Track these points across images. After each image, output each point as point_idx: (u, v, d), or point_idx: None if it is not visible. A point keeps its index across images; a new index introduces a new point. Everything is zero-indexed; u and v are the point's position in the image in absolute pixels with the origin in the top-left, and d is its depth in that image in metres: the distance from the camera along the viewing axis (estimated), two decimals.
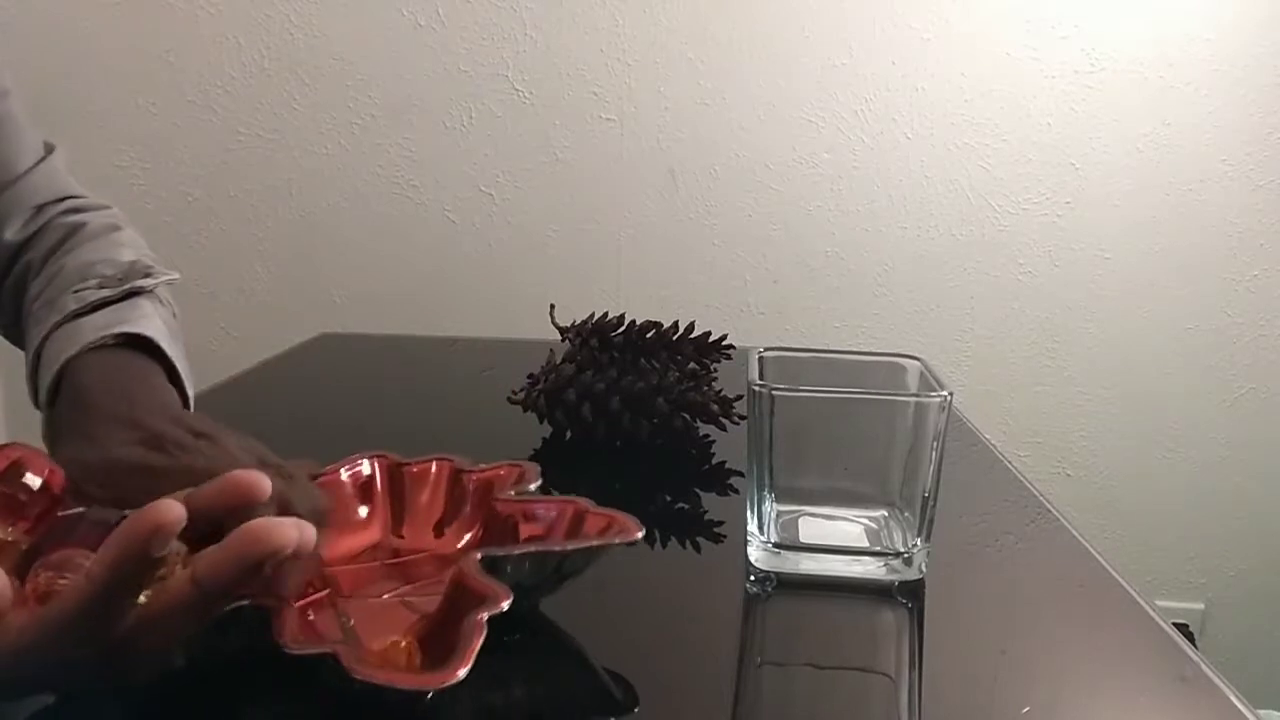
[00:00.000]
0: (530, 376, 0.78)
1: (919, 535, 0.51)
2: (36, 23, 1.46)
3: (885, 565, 0.52)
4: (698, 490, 0.69)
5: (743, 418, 0.69)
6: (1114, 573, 0.55)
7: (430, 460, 0.55)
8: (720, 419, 0.75)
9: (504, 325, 1.48)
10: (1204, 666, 0.45)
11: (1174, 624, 0.49)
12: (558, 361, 0.78)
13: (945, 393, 0.50)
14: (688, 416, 0.75)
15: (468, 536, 0.52)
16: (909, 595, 0.51)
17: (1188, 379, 1.56)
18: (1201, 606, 1.63)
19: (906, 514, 0.53)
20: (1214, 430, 1.58)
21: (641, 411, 0.73)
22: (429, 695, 0.38)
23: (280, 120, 1.50)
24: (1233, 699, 0.42)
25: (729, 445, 0.74)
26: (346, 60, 1.48)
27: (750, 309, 1.55)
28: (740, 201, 1.52)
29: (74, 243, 0.64)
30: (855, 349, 0.61)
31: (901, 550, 0.52)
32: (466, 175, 1.52)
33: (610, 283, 1.55)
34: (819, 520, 0.55)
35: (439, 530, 0.53)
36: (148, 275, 0.60)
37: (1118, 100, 1.48)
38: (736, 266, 1.54)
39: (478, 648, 0.35)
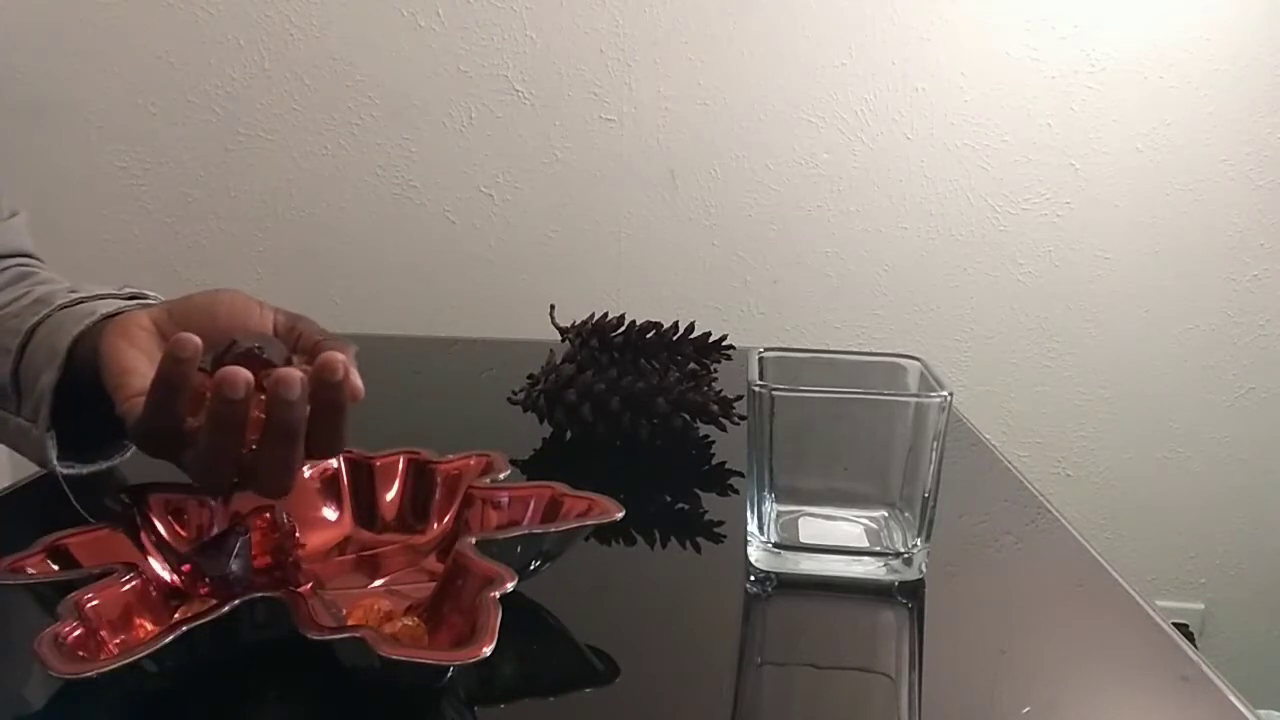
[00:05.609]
0: (530, 377, 0.78)
1: (919, 535, 0.51)
2: (36, 23, 1.45)
3: (885, 565, 0.52)
4: (698, 490, 0.69)
5: (743, 418, 0.69)
6: (1114, 573, 0.55)
7: (396, 454, 0.55)
8: (720, 419, 0.75)
9: (504, 325, 1.48)
10: (1204, 666, 0.45)
11: (1174, 624, 0.49)
12: (558, 362, 0.78)
13: (945, 393, 0.50)
14: (688, 416, 0.75)
15: (438, 526, 0.53)
16: (909, 595, 0.51)
17: (1188, 379, 1.56)
18: (1201, 606, 1.63)
19: (906, 514, 0.53)
20: (1214, 430, 1.58)
21: (641, 411, 0.73)
22: (449, 674, 0.39)
23: (280, 120, 1.50)
24: (1233, 699, 0.42)
25: (729, 445, 0.74)
26: (346, 60, 1.48)
27: (750, 309, 1.55)
28: (740, 201, 1.52)
29: (32, 282, 0.63)
30: (855, 349, 0.61)
31: (901, 550, 0.52)
32: (466, 175, 1.52)
33: (610, 283, 1.55)
34: (819, 520, 0.55)
35: (408, 521, 0.54)
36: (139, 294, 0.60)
37: (1118, 100, 1.48)
38: (736, 266, 1.54)
39: (498, 625, 0.36)
